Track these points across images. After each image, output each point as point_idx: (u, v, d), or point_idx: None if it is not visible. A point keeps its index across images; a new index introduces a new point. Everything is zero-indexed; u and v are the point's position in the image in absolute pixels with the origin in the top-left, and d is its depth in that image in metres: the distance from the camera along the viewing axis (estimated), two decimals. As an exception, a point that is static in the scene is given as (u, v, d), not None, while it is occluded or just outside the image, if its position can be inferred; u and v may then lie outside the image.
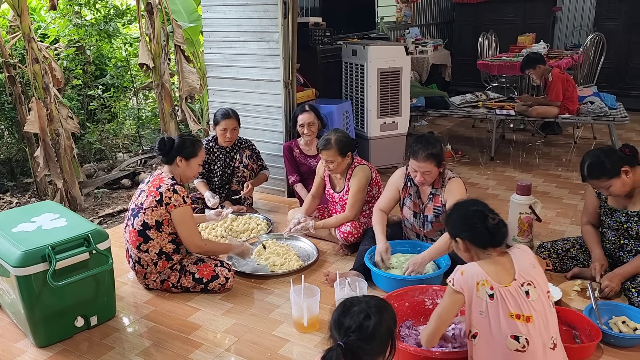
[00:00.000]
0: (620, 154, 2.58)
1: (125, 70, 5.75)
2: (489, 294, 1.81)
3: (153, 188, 2.75)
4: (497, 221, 1.91)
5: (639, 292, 2.50)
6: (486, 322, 1.81)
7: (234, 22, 4.13)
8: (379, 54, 4.41)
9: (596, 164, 2.56)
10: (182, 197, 2.73)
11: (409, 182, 3.05)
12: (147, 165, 5.24)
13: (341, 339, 1.55)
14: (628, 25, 6.98)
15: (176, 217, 2.72)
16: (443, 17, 8.73)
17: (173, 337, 2.47)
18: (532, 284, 1.85)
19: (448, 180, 2.93)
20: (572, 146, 5.59)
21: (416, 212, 3.04)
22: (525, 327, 1.79)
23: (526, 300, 1.82)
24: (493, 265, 1.87)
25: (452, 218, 2.03)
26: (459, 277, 1.87)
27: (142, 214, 2.73)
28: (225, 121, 3.69)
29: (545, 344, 1.83)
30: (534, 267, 1.91)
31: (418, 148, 2.83)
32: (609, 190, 2.58)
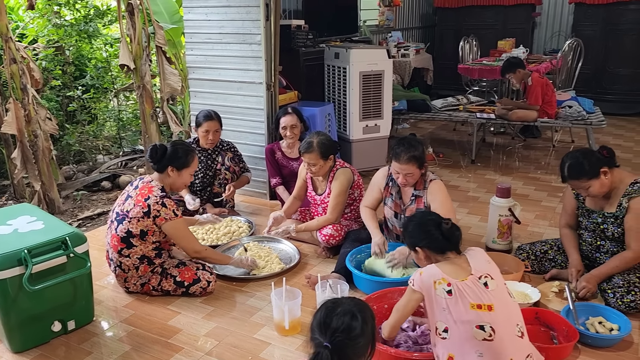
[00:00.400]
0: (598, 156, 2.63)
1: (106, 72, 5.69)
2: (446, 290, 1.91)
3: (141, 198, 2.69)
4: (450, 225, 2.08)
5: (614, 293, 2.54)
6: (450, 317, 1.90)
7: (216, 23, 4.11)
8: (361, 57, 4.43)
9: (576, 164, 2.61)
10: (172, 210, 2.69)
11: (390, 182, 3.06)
12: (128, 167, 5.19)
13: (327, 340, 1.54)
14: (605, 31, 7.12)
15: (170, 231, 2.70)
16: (425, 21, 8.81)
17: (153, 341, 2.44)
18: (489, 276, 1.97)
19: (430, 182, 2.95)
20: (550, 149, 5.68)
21: (397, 212, 3.06)
22: (489, 316, 1.88)
23: (485, 291, 1.92)
24: (450, 265, 2.01)
25: (409, 230, 2.17)
26: (418, 277, 2.01)
27: (127, 222, 2.68)
28: (208, 123, 3.67)
29: (512, 332, 1.91)
30: (489, 262, 2.06)
31: (400, 150, 2.85)
32: (588, 191, 2.62)
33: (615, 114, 7.01)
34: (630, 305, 2.51)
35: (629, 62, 7.05)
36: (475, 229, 3.63)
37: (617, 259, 2.61)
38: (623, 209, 2.61)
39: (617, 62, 7.13)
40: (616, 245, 2.70)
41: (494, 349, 1.86)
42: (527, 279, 2.89)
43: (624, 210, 2.61)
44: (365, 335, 1.58)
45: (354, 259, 2.94)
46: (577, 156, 2.64)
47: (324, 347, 1.54)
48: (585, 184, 2.61)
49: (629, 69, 7.08)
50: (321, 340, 1.56)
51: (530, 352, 1.96)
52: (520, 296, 2.64)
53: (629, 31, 6.96)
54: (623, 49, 7.05)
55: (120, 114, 5.91)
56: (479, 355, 1.87)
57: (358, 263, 2.96)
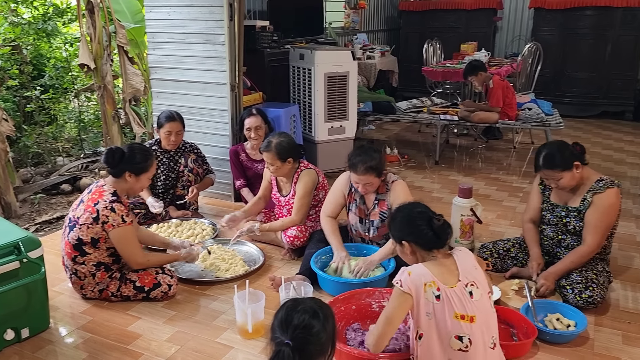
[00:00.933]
0: (572, 150, 2.71)
1: (66, 71, 5.54)
2: (435, 295, 1.83)
3: (91, 203, 2.59)
4: (442, 222, 1.95)
5: (573, 289, 2.61)
6: (432, 323, 1.84)
7: (178, 23, 4.05)
8: (326, 58, 4.44)
9: (552, 155, 2.69)
10: (121, 216, 2.58)
11: (353, 188, 3.05)
12: (89, 169, 5.06)
13: (288, 338, 1.53)
14: (563, 35, 7.33)
15: (115, 237, 2.59)
16: (390, 24, 8.89)
17: (111, 348, 2.38)
18: (475, 284, 1.90)
19: (392, 183, 2.97)
20: (512, 151, 5.80)
21: (362, 217, 3.06)
22: (469, 327, 1.83)
23: (470, 301, 1.86)
24: (438, 267, 1.91)
25: (397, 222, 2.03)
26: (406, 277, 1.87)
27: (77, 229, 2.59)
28: (170, 124, 3.61)
29: (485, 344, 1.88)
30: (475, 268, 1.96)
31: (357, 161, 2.83)
32: (559, 182, 2.70)
33: (573, 116, 7.22)
34: (588, 301, 2.57)
35: (586, 66, 7.28)
36: (439, 229, 3.67)
37: (573, 255, 2.69)
38: (586, 203, 2.69)
39: (574, 65, 7.35)
40: (576, 239, 2.78)
41: (466, 359, 1.84)
42: (488, 277, 2.93)
43: (587, 205, 2.69)
44: (326, 332, 1.58)
45: (318, 260, 2.93)
46: (553, 147, 2.73)
47: (285, 344, 1.52)
48: (557, 174, 2.68)
49: (586, 73, 7.30)
50: (282, 338, 1.54)
51: None
52: (481, 295, 2.68)
53: (585, 36, 7.19)
54: (580, 53, 7.27)
55: (81, 115, 5.76)
56: None
57: (323, 264, 2.95)
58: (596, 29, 7.11)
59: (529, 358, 2.30)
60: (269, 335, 1.60)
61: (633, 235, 3.59)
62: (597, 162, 5.32)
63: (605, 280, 2.71)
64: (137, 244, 2.73)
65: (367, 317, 2.51)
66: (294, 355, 1.51)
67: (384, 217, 2.97)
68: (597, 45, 7.15)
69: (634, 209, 4.06)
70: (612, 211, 2.67)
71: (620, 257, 3.25)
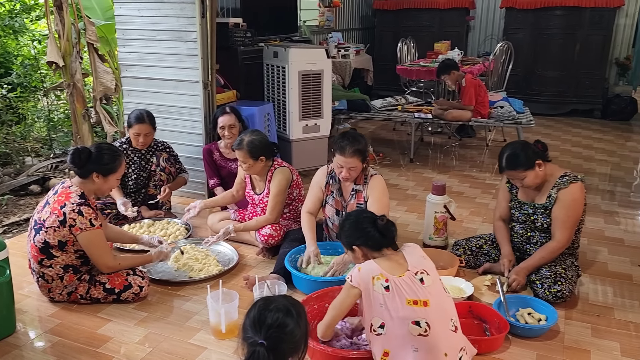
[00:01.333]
0: (534, 148, 2.75)
1: (34, 69, 5.42)
2: (384, 286, 1.93)
3: (57, 205, 2.51)
4: (386, 222, 2.08)
5: (542, 284, 2.65)
6: (387, 313, 1.91)
7: (149, 20, 3.99)
8: (300, 56, 4.42)
9: (514, 156, 2.72)
10: (89, 220, 2.51)
11: (331, 180, 3.08)
12: (59, 170, 4.95)
13: (262, 337, 1.51)
14: (534, 35, 7.46)
15: (83, 241, 2.52)
16: (364, 23, 8.92)
17: (80, 351, 2.32)
18: (425, 272, 2.01)
19: (370, 177, 3.00)
20: (485, 149, 5.88)
21: (338, 209, 3.08)
22: (424, 312, 1.90)
23: (421, 287, 1.95)
24: (387, 261, 2.02)
25: (345, 228, 2.16)
26: (356, 273, 2.00)
27: (43, 232, 2.51)
28: (139, 125, 3.54)
29: (445, 327, 1.94)
30: (424, 258, 2.09)
31: (345, 144, 2.86)
32: (523, 181, 2.73)
33: (544, 114, 7.36)
34: (557, 295, 2.62)
35: (556, 65, 7.42)
36: (413, 226, 3.70)
37: (543, 250, 2.73)
38: (552, 199, 2.74)
39: (545, 64, 7.49)
40: (545, 236, 2.82)
41: (429, 344, 1.89)
42: (461, 273, 2.97)
43: (552, 201, 2.73)
44: (300, 330, 1.57)
45: (292, 259, 2.92)
46: (515, 147, 2.76)
47: (259, 344, 1.50)
48: (521, 174, 2.72)
49: (556, 72, 7.44)
50: (256, 338, 1.52)
51: (464, 346, 2.01)
52: (455, 290, 2.71)
53: (555, 35, 7.33)
54: (550, 52, 7.41)
55: (51, 114, 5.63)
56: (415, 350, 1.89)
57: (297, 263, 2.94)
58: (565, 29, 7.25)
59: (502, 352, 2.32)
60: (242, 336, 1.58)
61: (601, 230, 3.67)
62: (567, 159, 5.44)
63: (574, 274, 2.76)
64: (107, 248, 2.67)
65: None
66: (269, 355, 1.50)
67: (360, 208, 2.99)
68: (567, 45, 7.30)
69: (603, 205, 4.15)
70: (577, 205, 2.72)
71: (589, 251, 3.32)
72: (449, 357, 1.90)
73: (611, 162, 5.39)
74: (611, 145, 6.03)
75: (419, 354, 1.89)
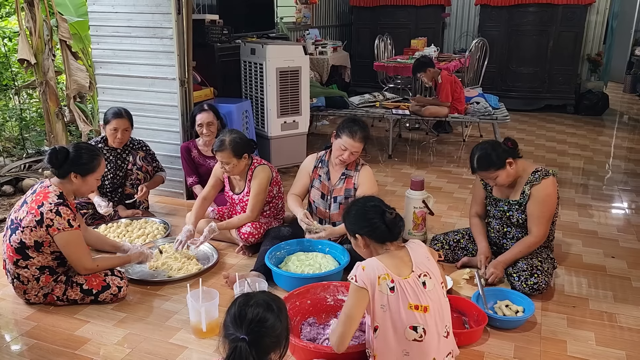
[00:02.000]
0: (504, 147, 2.77)
1: (5, 67, 5.28)
2: (390, 287, 1.84)
3: (35, 205, 2.46)
4: (395, 215, 1.97)
5: (519, 276, 2.70)
6: (387, 315, 1.84)
7: (123, 16, 3.92)
8: (277, 53, 4.40)
9: (484, 156, 2.74)
10: (67, 220, 2.46)
11: (320, 164, 3.17)
12: (32, 170, 4.84)
13: (244, 333, 1.50)
14: (508, 32, 7.56)
15: (61, 242, 2.48)
16: (342, 20, 8.94)
17: (57, 354, 2.28)
18: (427, 274, 1.92)
19: (361, 166, 3.10)
20: (461, 144, 5.95)
21: (324, 193, 3.13)
22: (423, 317, 1.85)
23: (423, 291, 1.88)
24: (392, 259, 1.92)
25: (351, 215, 2.03)
26: (360, 272, 1.87)
27: (19, 232, 2.46)
28: (117, 120, 3.49)
29: (439, 333, 1.90)
30: (428, 259, 1.98)
31: (357, 129, 2.98)
32: (496, 180, 2.77)
33: (519, 110, 7.48)
34: (534, 287, 2.67)
35: (529, 61, 7.54)
36: (392, 222, 3.72)
37: (521, 245, 2.78)
38: (526, 196, 2.78)
39: (519, 61, 7.61)
40: (521, 231, 2.87)
41: (421, 349, 1.85)
42: (440, 267, 2.99)
43: (526, 197, 2.78)
44: (281, 324, 1.57)
45: (273, 256, 2.91)
46: (485, 148, 2.77)
47: (241, 339, 1.49)
48: (493, 174, 2.74)
49: (530, 68, 7.57)
50: (237, 334, 1.51)
51: (452, 349, 1.98)
52: (434, 285, 2.73)
53: (529, 32, 7.45)
54: (524, 48, 7.53)
55: (23, 113, 5.50)
56: (405, 354, 1.85)
57: (277, 260, 2.94)
58: (539, 26, 7.37)
59: (481, 344, 2.36)
60: (222, 333, 1.57)
61: (576, 223, 3.75)
62: (542, 154, 5.53)
63: (550, 266, 2.82)
64: (85, 249, 2.62)
65: (322, 312, 2.51)
66: (251, 350, 1.49)
67: (348, 194, 3.08)
68: (540, 41, 7.42)
69: (577, 198, 4.23)
70: (551, 200, 2.76)
71: (564, 244, 3.39)
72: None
73: (584, 156, 5.50)
74: (584, 140, 6.16)
75: (408, 358, 1.86)
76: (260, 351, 1.52)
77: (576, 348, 2.34)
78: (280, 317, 1.57)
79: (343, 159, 3.03)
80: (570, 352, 2.32)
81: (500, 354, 2.30)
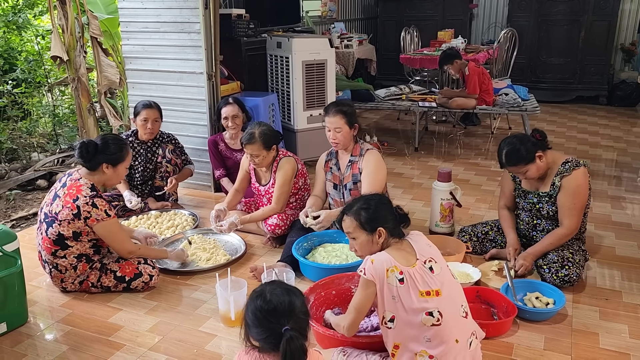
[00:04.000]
0: (533, 140, 2.72)
1: (38, 65, 5.43)
2: (398, 278, 1.86)
3: (70, 199, 2.54)
4: (403, 212, 2.06)
5: (550, 268, 2.65)
6: (400, 305, 1.85)
7: (152, 12, 3.99)
8: (303, 46, 4.41)
9: (513, 151, 2.69)
10: (104, 210, 2.56)
11: (329, 157, 3.23)
12: (65, 164, 4.97)
13: (285, 325, 1.49)
14: (538, 22, 7.41)
15: (101, 231, 2.58)
16: (367, 13, 8.88)
17: (92, 340, 2.35)
18: (432, 260, 1.95)
19: (366, 151, 3.09)
20: (490, 136, 5.86)
21: (336, 183, 3.15)
22: (436, 301, 1.86)
23: (432, 276, 1.90)
24: (398, 251, 1.95)
25: (373, 209, 2.01)
26: (369, 266, 1.89)
27: (57, 225, 2.54)
28: (147, 111, 3.54)
29: (456, 314, 1.91)
30: (429, 245, 2.03)
31: (330, 105, 3.09)
32: (526, 174, 2.72)
33: (549, 102, 7.32)
34: (564, 280, 2.62)
35: (560, 51, 7.37)
36: (420, 214, 3.70)
37: (551, 237, 2.73)
38: (556, 187, 2.72)
39: (549, 51, 7.44)
40: (551, 223, 2.82)
41: (441, 332, 1.85)
42: (468, 259, 2.98)
43: (557, 189, 2.72)
44: (304, 302, 1.58)
45: (300, 247, 2.94)
46: (513, 142, 2.72)
47: (285, 331, 1.48)
48: (522, 169, 2.70)
49: (560, 58, 7.40)
50: (277, 329, 1.49)
51: (474, 330, 1.99)
52: (462, 276, 2.71)
53: (559, 22, 7.28)
54: (555, 39, 7.36)
55: (56, 109, 5.65)
56: (427, 340, 1.85)
57: (304, 251, 2.96)
58: (570, 15, 7.20)
59: (510, 336, 2.33)
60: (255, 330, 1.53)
61: (608, 215, 3.66)
62: (573, 146, 5.42)
63: (581, 258, 2.76)
64: (125, 234, 2.73)
65: (347, 302, 2.48)
66: (299, 337, 1.49)
67: (355, 179, 3.10)
68: (571, 31, 7.24)
69: (609, 190, 4.14)
70: (582, 191, 2.70)
71: (596, 236, 3.31)
72: (460, 343, 1.88)
73: (617, 148, 5.37)
74: (617, 132, 6.00)
75: (431, 344, 1.86)
76: (303, 335, 1.53)
77: (609, 341, 2.30)
78: (301, 297, 1.59)
79: (332, 141, 3.07)
80: (602, 345, 2.27)
81: (530, 345, 2.28)
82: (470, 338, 1.94)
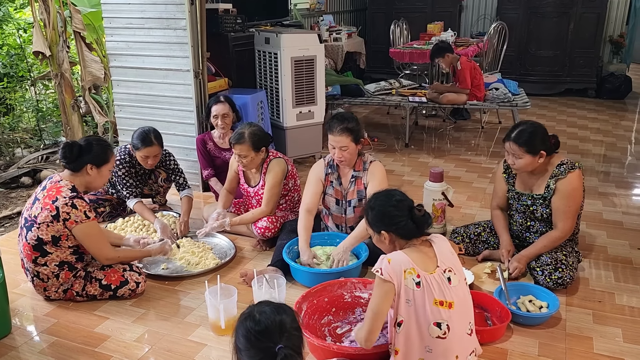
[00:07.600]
0: (547, 138, 2.68)
1: (20, 59, 5.29)
2: (415, 282, 1.80)
3: (49, 200, 2.46)
4: (423, 213, 1.91)
5: (543, 271, 2.63)
6: (412, 310, 1.81)
7: (136, 7, 3.87)
8: (292, 42, 4.33)
9: (529, 134, 2.65)
10: (84, 212, 2.47)
11: (330, 170, 3.03)
12: (50, 161, 4.87)
13: (279, 343, 1.43)
14: (527, 14, 7.37)
15: (79, 234, 2.48)
16: (356, 5, 8.79)
17: (78, 352, 2.29)
18: (452, 270, 1.88)
19: (370, 163, 2.96)
20: (479, 131, 5.84)
21: (338, 199, 3.04)
22: (448, 314, 1.81)
23: (448, 287, 1.84)
24: (417, 253, 1.87)
25: (375, 212, 1.95)
26: (386, 265, 1.81)
27: (36, 229, 2.45)
28: (147, 149, 3.23)
29: (463, 330, 1.86)
30: (452, 254, 1.94)
31: (334, 122, 2.85)
32: (517, 161, 2.68)
33: (538, 94, 7.32)
34: (558, 282, 2.61)
35: (550, 44, 7.35)
36: (411, 213, 3.66)
37: (545, 239, 2.70)
38: (550, 190, 2.69)
39: (538, 44, 7.42)
40: (545, 225, 2.79)
41: (444, 346, 1.81)
42: (461, 261, 2.93)
43: (551, 192, 2.69)
44: (294, 319, 1.52)
45: (290, 250, 2.89)
46: (534, 127, 2.68)
47: (279, 350, 1.41)
48: (520, 153, 2.66)
49: (550, 51, 7.38)
50: (271, 348, 1.42)
51: (474, 348, 1.94)
52: (455, 279, 2.68)
53: (549, 14, 7.25)
54: (544, 31, 7.34)
55: (39, 104, 5.52)
56: (428, 351, 1.82)
57: (295, 255, 2.90)
58: (559, 7, 7.17)
59: (504, 341, 2.31)
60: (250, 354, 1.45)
61: (599, 213, 3.66)
62: (564, 140, 5.34)
63: (575, 260, 2.74)
64: (104, 239, 2.63)
65: (340, 309, 2.48)
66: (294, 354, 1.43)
67: (361, 196, 2.97)
68: (560, 24, 7.22)
69: (600, 187, 4.13)
70: (577, 194, 2.68)
71: (588, 235, 3.30)
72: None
73: (606, 142, 5.37)
74: (606, 125, 6.01)
75: (431, 355, 1.82)
76: (298, 352, 1.48)
77: (603, 345, 2.29)
78: (292, 314, 1.53)
79: (337, 159, 2.90)
80: (597, 350, 2.26)
81: (525, 351, 2.25)
82: (470, 357, 1.90)
